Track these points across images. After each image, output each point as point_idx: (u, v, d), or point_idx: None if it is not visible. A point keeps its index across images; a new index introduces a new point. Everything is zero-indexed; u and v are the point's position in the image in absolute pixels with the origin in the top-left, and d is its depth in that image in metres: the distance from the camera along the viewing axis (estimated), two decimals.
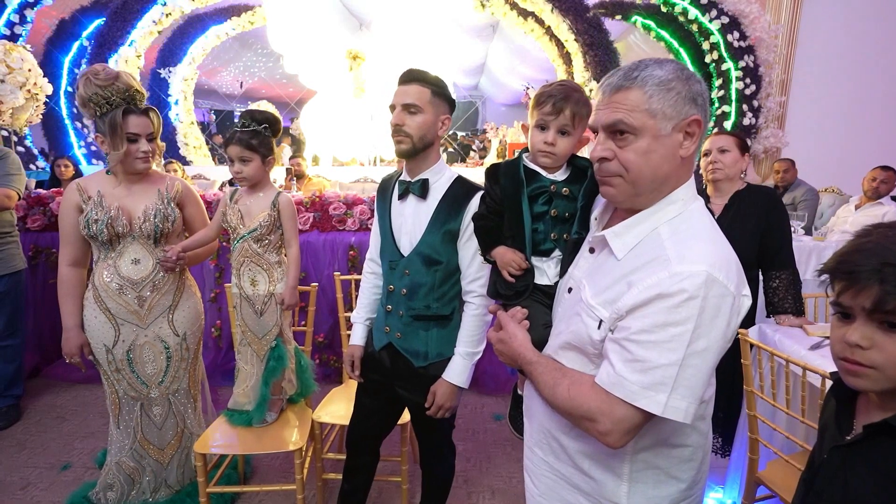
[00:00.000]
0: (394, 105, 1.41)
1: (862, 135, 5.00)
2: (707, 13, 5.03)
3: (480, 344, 1.48)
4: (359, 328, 1.64)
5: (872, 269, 0.65)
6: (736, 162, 1.96)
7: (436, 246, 1.43)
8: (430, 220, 1.43)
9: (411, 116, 1.39)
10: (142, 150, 1.77)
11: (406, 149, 1.41)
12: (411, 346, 1.49)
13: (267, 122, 1.83)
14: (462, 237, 1.43)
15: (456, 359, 1.47)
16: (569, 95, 1.09)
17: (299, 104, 9.11)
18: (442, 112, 1.44)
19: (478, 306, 1.46)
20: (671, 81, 0.82)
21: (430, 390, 1.47)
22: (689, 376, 0.78)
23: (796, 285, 1.96)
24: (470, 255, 1.43)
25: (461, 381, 1.46)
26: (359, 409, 1.68)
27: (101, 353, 1.86)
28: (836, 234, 3.65)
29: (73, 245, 1.84)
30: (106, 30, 6.03)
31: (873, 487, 0.68)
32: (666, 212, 0.87)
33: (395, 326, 1.50)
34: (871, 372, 0.67)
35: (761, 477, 1.66)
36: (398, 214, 1.50)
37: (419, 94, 1.39)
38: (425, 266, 1.44)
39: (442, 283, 1.46)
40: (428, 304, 1.47)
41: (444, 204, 1.43)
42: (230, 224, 1.86)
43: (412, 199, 1.47)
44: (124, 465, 1.95)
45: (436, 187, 1.46)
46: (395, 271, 1.49)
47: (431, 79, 1.42)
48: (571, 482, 0.98)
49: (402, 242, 1.48)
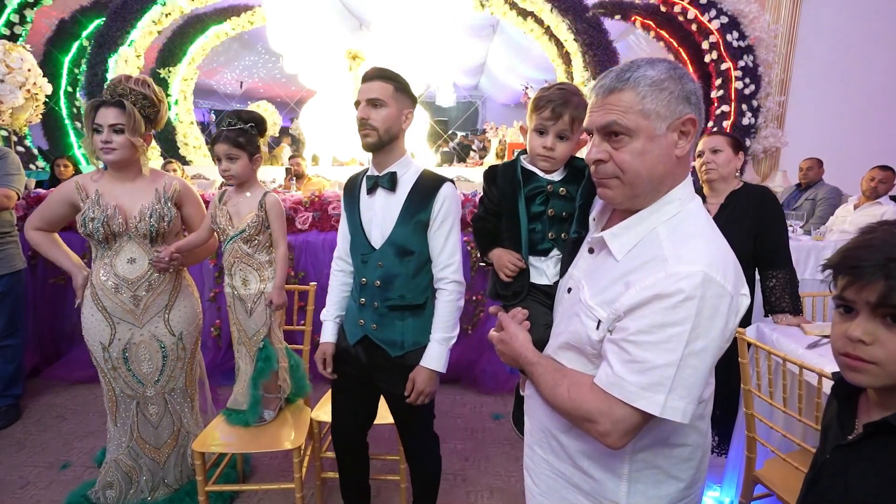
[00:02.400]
0: (359, 101, 1.47)
1: (861, 134, 4.99)
2: (706, 13, 5.03)
3: (455, 329, 1.55)
4: (329, 325, 1.66)
5: (878, 264, 0.65)
6: (729, 161, 1.97)
7: (408, 236, 1.49)
8: (401, 211, 1.49)
9: (376, 110, 1.44)
10: (101, 140, 1.74)
11: (373, 142, 1.46)
12: (388, 337, 1.53)
13: (253, 121, 1.84)
14: (432, 226, 1.50)
15: (432, 345, 1.52)
16: (568, 100, 1.10)
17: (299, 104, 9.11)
18: (405, 106, 1.50)
19: (451, 292, 1.53)
20: (664, 81, 0.82)
21: (410, 377, 1.52)
22: (688, 376, 0.78)
23: (793, 284, 1.96)
24: (440, 243, 1.51)
25: (439, 365, 1.52)
26: (338, 407, 1.72)
27: (98, 350, 1.87)
28: (835, 234, 3.65)
29: (45, 218, 1.88)
30: (106, 30, 6.03)
31: (875, 487, 0.68)
32: (663, 212, 0.87)
33: (371, 318, 1.54)
34: (873, 368, 0.68)
35: (759, 475, 1.67)
36: (368, 209, 1.54)
37: (382, 89, 1.44)
38: (398, 257, 1.49)
39: (416, 274, 1.52)
40: (402, 294, 1.51)
41: (413, 195, 1.49)
42: (219, 226, 1.86)
43: (381, 192, 1.52)
44: (122, 463, 1.95)
45: (404, 180, 1.51)
46: (367, 264, 1.52)
47: (393, 75, 1.48)
48: (571, 481, 0.98)
49: (374, 235, 1.52)
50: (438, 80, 9.34)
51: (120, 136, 1.76)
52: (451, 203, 1.50)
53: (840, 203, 4.17)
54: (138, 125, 1.78)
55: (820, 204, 4.27)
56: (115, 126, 1.74)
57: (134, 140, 1.78)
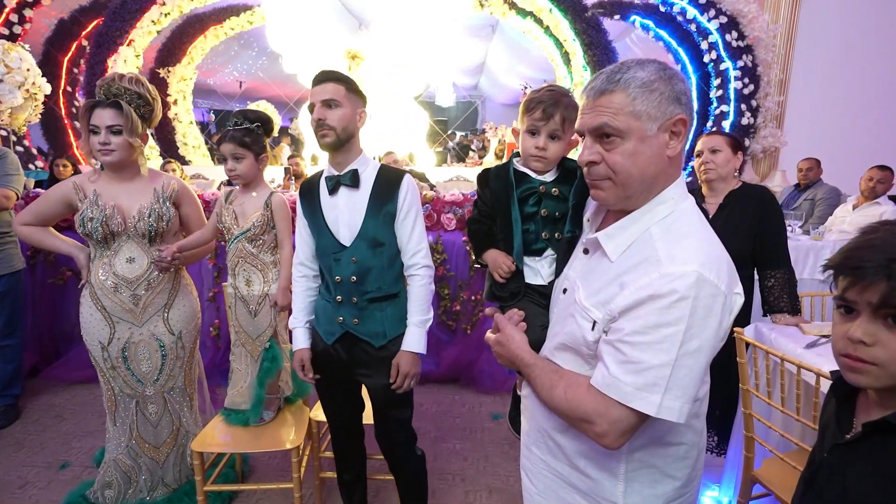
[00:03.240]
0: (313, 104, 1.50)
1: (860, 134, 5.00)
2: (705, 13, 5.04)
3: (429, 311, 1.61)
4: (300, 332, 1.67)
5: (880, 264, 0.65)
6: (728, 161, 1.97)
7: (378, 228, 1.54)
8: (368, 205, 1.53)
9: (331, 111, 1.47)
10: (99, 141, 1.74)
11: (331, 141, 1.49)
12: (370, 329, 1.57)
13: (260, 120, 1.84)
14: (399, 216, 1.55)
15: (411, 329, 1.58)
16: (558, 101, 1.11)
17: (298, 104, 9.11)
18: (358, 106, 1.54)
19: (422, 276, 1.58)
20: (654, 82, 0.83)
21: (393, 363, 1.56)
22: (683, 376, 0.78)
23: (792, 284, 1.96)
24: (408, 231, 1.56)
25: (420, 347, 1.57)
26: (329, 407, 1.76)
27: (97, 350, 1.87)
28: (834, 234, 3.65)
29: (37, 215, 1.87)
30: (105, 30, 6.02)
31: (872, 485, 0.68)
32: (656, 212, 0.87)
33: (351, 314, 1.56)
34: (873, 369, 0.68)
35: (757, 475, 1.67)
36: (331, 209, 1.56)
37: (335, 90, 1.48)
38: (371, 249, 1.53)
39: (390, 265, 1.57)
40: (380, 286, 1.56)
41: (377, 189, 1.54)
42: (224, 225, 1.87)
43: (344, 190, 1.55)
44: (121, 462, 1.95)
45: (365, 176, 1.56)
46: (340, 262, 1.55)
47: (344, 77, 1.52)
48: (569, 481, 0.99)
49: (342, 233, 1.55)
50: (438, 80, 9.35)
51: (118, 137, 1.75)
52: (413, 193, 1.57)
53: (839, 203, 4.17)
54: (136, 126, 1.78)
55: (819, 204, 4.28)
56: (112, 127, 1.74)
57: (132, 141, 1.78)
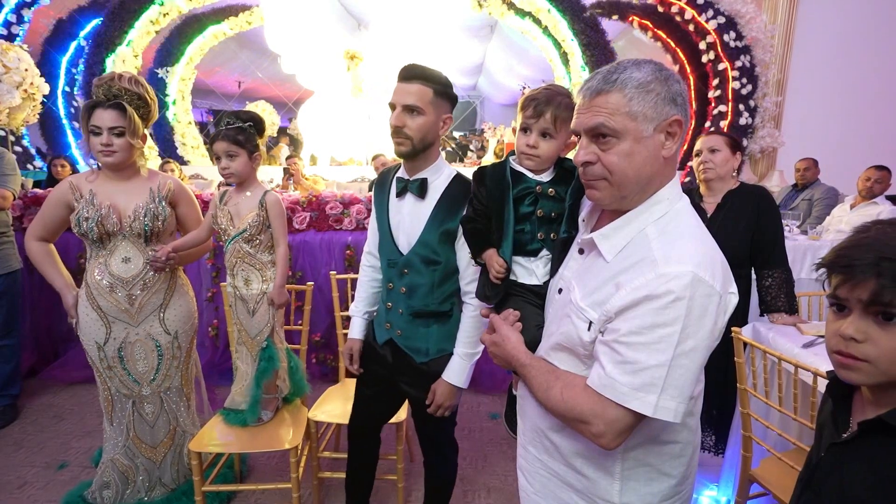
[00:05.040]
0: (394, 104, 1.35)
1: (857, 134, 5.02)
2: (703, 13, 5.05)
3: (479, 345, 1.47)
4: (357, 321, 1.64)
5: (869, 263, 0.66)
6: (727, 161, 1.97)
7: (433, 246, 1.42)
8: (428, 220, 1.42)
9: (412, 118, 1.33)
10: (101, 143, 1.74)
11: (406, 151, 1.37)
12: (412, 344, 1.50)
13: (252, 120, 1.84)
14: (460, 238, 1.40)
15: (455, 359, 1.48)
16: (551, 99, 1.10)
17: (297, 104, 9.10)
18: (444, 112, 1.39)
19: (475, 307, 1.44)
20: (650, 83, 0.83)
21: (431, 389, 1.49)
22: (678, 376, 0.79)
23: (789, 284, 1.97)
24: (468, 255, 1.40)
25: (460, 381, 1.47)
26: (359, 399, 1.70)
27: (93, 350, 1.87)
28: (832, 234, 3.66)
29: (45, 226, 1.87)
30: (103, 30, 6.01)
31: (868, 484, 0.69)
32: (652, 212, 0.87)
33: (396, 324, 1.51)
34: (864, 365, 0.69)
35: (755, 474, 1.67)
36: (396, 212, 1.48)
37: (421, 95, 1.32)
38: (424, 266, 1.44)
39: (441, 283, 1.46)
40: (427, 303, 1.46)
41: (442, 203, 1.41)
42: (220, 226, 1.86)
43: (410, 197, 1.44)
44: (118, 462, 1.95)
45: (434, 186, 1.43)
46: (393, 269, 1.48)
47: (434, 76, 1.35)
48: (565, 480, 0.99)
49: (400, 241, 1.47)
50: None
51: (120, 139, 1.76)
52: None
53: (836, 203, 4.19)
54: (137, 127, 1.78)
55: (816, 204, 4.29)
56: (115, 129, 1.74)
57: (134, 142, 1.78)
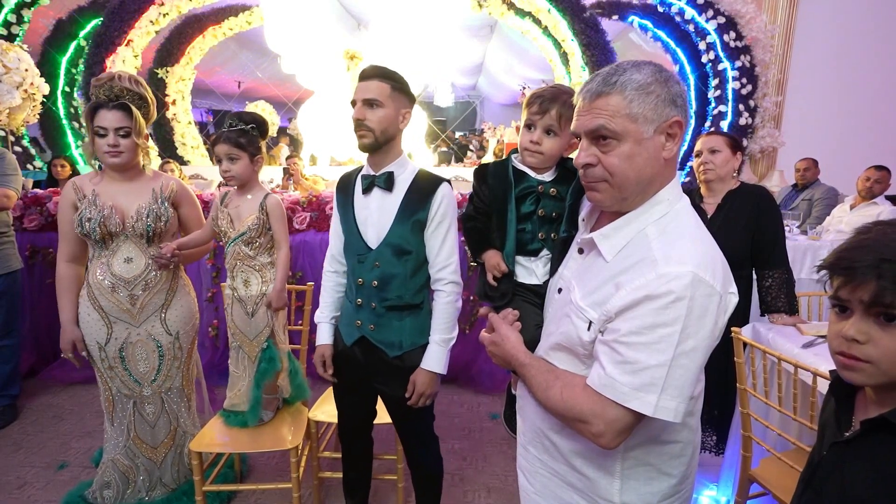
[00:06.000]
0: (355, 100, 1.45)
1: (857, 134, 5.02)
2: (703, 13, 5.05)
3: (454, 330, 1.55)
4: (325, 327, 1.65)
5: (870, 264, 0.67)
6: (727, 161, 1.97)
7: (405, 236, 1.47)
8: (398, 211, 1.48)
9: (372, 111, 1.42)
10: (107, 143, 1.74)
11: (369, 143, 1.45)
12: (385, 338, 1.52)
13: (254, 122, 1.84)
14: (429, 226, 1.48)
15: (432, 346, 1.52)
16: (557, 97, 1.11)
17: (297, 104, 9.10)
18: (402, 106, 1.47)
19: (449, 293, 1.52)
20: (650, 85, 0.83)
21: (410, 380, 1.52)
22: (679, 376, 0.79)
23: (789, 284, 1.97)
24: (438, 243, 1.50)
25: (439, 367, 1.51)
26: (341, 407, 1.73)
27: (95, 350, 1.87)
28: (832, 234, 3.66)
29: (70, 242, 1.86)
30: (103, 30, 6.01)
31: (870, 483, 0.69)
32: (652, 213, 0.88)
33: (368, 319, 1.53)
34: (866, 366, 0.69)
35: (754, 474, 1.67)
36: (363, 208, 1.52)
37: (379, 89, 1.42)
38: (396, 257, 1.48)
39: (413, 274, 1.51)
40: (400, 295, 1.50)
41: (410, 195, 1.48)
42: (221, 228, 1.86)
43: (377, 192, 1.50)
44: (119, 462, 1.95)
45: (400, 180, 1.50)
46: (363, 264, 1.51)
47: (391, 74, 1.45)
48: (566, 480, 0.99)
49: (369, 235, 1.51)
50: (436, 80, 9.35)
51: (126, 139, 1.76)
52: (448, 203, 1.50)
53: (836, 203, 4.19)
54: (142, 127, 1.78)
55: (816, 204, 4.29)
56: (121, 130, 1.74)
57: (139, 142, 1.78)
